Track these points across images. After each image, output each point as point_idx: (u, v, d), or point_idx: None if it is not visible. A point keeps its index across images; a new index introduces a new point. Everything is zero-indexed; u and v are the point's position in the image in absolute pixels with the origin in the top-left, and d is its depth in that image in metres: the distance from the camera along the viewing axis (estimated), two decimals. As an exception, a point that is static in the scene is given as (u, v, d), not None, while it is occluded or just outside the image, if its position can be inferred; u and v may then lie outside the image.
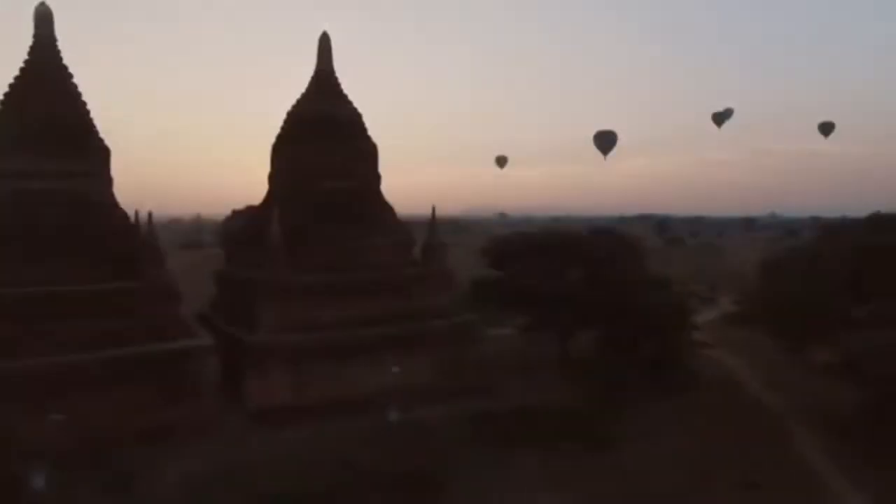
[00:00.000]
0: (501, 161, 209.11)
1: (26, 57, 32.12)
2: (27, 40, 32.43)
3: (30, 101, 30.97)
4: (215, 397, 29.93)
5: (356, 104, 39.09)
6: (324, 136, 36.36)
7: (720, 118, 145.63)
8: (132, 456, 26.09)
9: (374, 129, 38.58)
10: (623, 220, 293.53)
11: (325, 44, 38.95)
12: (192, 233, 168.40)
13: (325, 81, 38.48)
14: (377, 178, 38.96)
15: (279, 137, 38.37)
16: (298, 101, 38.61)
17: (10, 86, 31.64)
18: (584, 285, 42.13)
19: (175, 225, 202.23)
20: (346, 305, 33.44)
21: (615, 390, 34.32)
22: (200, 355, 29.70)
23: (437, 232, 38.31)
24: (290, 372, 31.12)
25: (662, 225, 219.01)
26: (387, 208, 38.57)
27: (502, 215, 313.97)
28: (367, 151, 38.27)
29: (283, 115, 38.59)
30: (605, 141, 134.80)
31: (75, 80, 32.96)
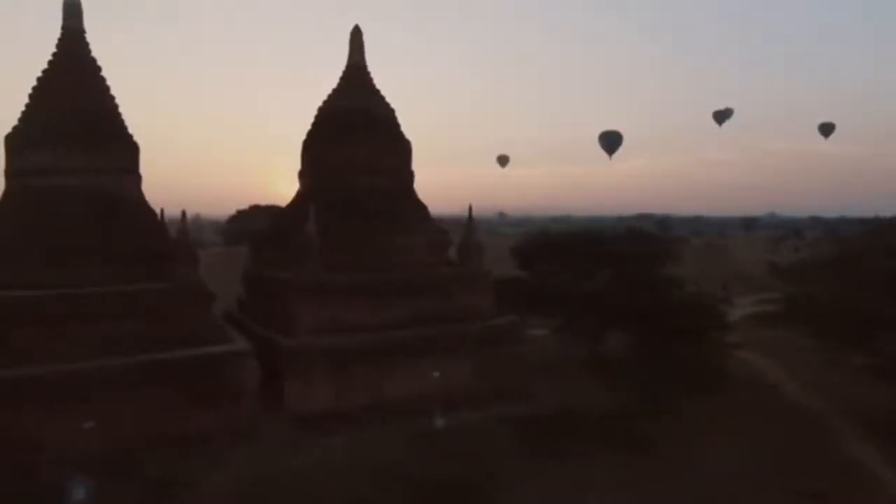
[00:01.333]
0: (503, 160, 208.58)
1: (54, 49, 30.95)
2: (55, 32, 31.32)
3: (58, 95, 29.83)
4: (253, 403, 28.86)
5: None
6: (358, 131, 35.31)
7: (721, 116, 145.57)
8: (169, 464, 25.09)
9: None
10: (622, 219, 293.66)
11: (356, 37, 37.81)
12: (193, 232, 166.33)
13: (357, 76, 37.36)
14: (411, 175, 37.91)
15: (311, 133, 37.26)
16: (330, 96, 37.51)
17: (39, 79, 30.46)
18: (615, 286, 41.41)
19: (174, 224, 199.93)
20: (384, 307, 32.43)
21: (653, 392, 33.59)
22: (237, 359, 28.61)
23: (474, 232, 37.29)
24: (329, 376, 30.07)
25: (664, 225, 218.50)
26: (421, 207, 37.54)
27: (502, 215, 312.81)
28: (401, 148, 37.21)
29: (282, 115, 37.89)
30: (611, 141, 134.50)
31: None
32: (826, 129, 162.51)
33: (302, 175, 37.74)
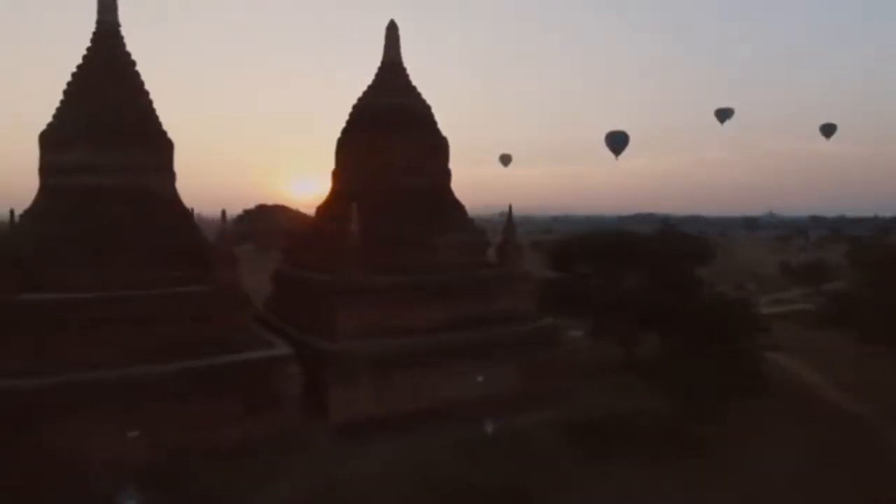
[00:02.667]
0: (506, 160, 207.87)
1: (89, 45, 29.96)
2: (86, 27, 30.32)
3: (94, 92, 28.90)
4: (297, 410, 27.94)
5: (356, 103, 37.13)
6: (397, 130, 34.41)
7: (723, 115, 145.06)
8: (217, 474, 24.19)
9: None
10: (622, 219, 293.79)
11: (392, 33, 36.90)
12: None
13: (393, 72, 36.47)
14: (448, 174, 37.00)
15: (346, 131, 36.32)
16: (366, 94, 36.58)
17: (73, 75, 29.51)
18: (650, 287, 40.65)
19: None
20: (427, 309, 31.56)
21: (698, 396, 32.80)
22: (281, 365, 27.69)
23: (513, 232, 36.42)
24: (374, 381, 29.16)
25: (666, 224, 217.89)
26: (458, 206, 36.65)
27: (503, 214, 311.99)
28: (439, 146, 36.29)
29: (283, 115, 36.68)
30: (617, 141, 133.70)
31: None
32: (827, 130, 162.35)
33: (337, 174, 36.78)
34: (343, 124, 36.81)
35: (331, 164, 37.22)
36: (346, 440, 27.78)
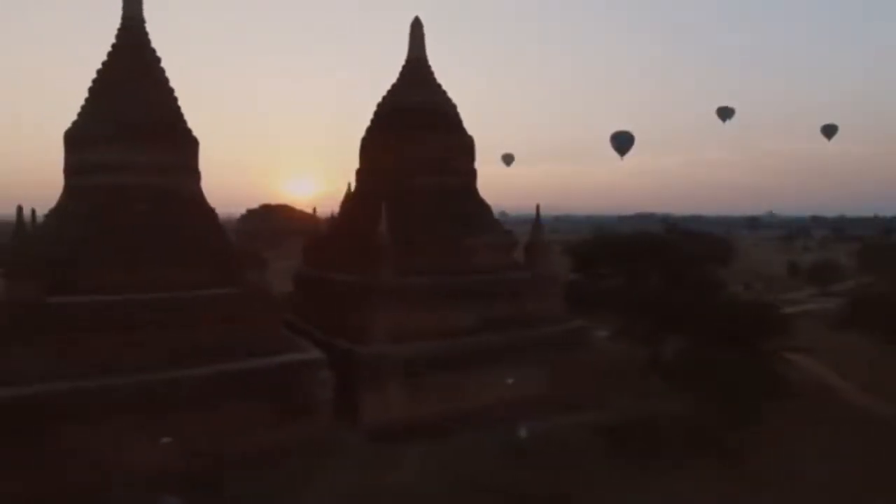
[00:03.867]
0: (508, 159, 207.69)
1: (114, 41, 29.24)
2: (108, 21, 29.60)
3: (120, 89, 28.16)
4: (329, 415, 27.34)
5: (358, 103, 36.75)
6: (424, 129, 33.78)
7: (724, 113, 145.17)
8: (252, 481, 23.60)
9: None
10: (623, 219, 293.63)
11: (417, 30, 36.28)
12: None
13: (419, 70, 35.84)
14: (474, 173, 36.41)
15: (371, 130, 35.69)
16: (391, 92, 35.94)
17: (99, 72, 28.77)
18: (674, 288, 40.21)
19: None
20: (457, 311, 30.95)
21: (732, 399, 32.32)
22: (313, 369, 27.07)
23: (541, 232, 35.85)
24: (406, 385, 28.58)
25: (668, 224, 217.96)
26: (485, 206, 36.06)
27: (504, 214, 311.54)
28: (465, 145, 35.68)
29: (282, 115, 36.05)
30: (622, 141, 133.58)
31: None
32: (829, 131, 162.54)
33: (361, 173, 36.13)
34: (342, 124, 36.32)
35: (331, 164, 36.86)
36: (378, 445, 27.20)
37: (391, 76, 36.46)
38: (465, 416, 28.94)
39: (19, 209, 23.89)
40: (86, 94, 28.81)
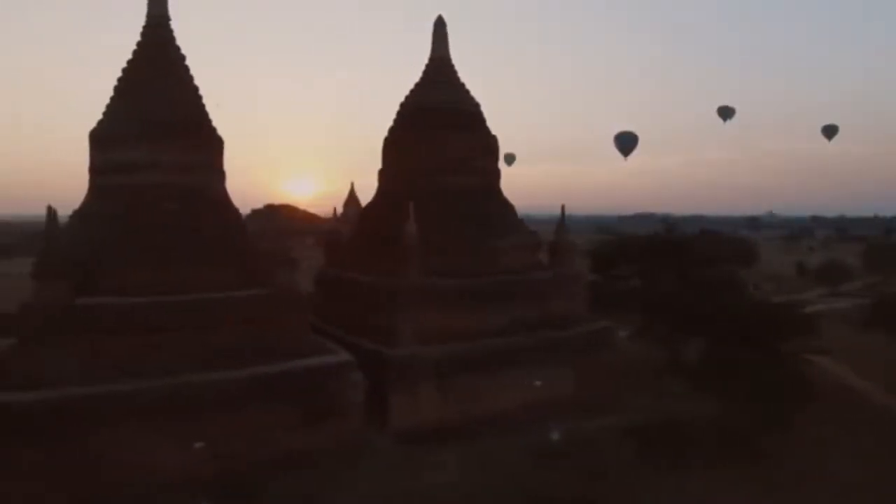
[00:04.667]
0: (509, 159, 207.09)
1: (139, 39, 28.87)
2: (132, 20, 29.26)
3: (145, 88, 27.79)
4: (361, 418, 27.01)
5: (357, 102, 36.52)
6: (448, 129, 33.47)
7: (725, 113, 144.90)
8: (286, 486, 23.29)
9: (376, 128, 35.89)
10: (623, 219, 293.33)
11: (440, 29, 35.98)
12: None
13: (442, 69, 35.54)
14: (498, 173, 36.13)
15: (394, 130, 35.38)
16: (414, 91, 35.63)
17: (124, 71, 28.40)
18: (694, 289, 39.97)
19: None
20: (483, 313, 30.66)
21: (759, 401, 32.07)
22: (344, 372, 26.75)
23: (566, 232, 35.59)
24: (435, 387, 28.29)
25: (670, 224, 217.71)
26: (509, 206, 35.77)
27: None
28: (489, 145, 35.40)
29: (282, 114, 35.65)
30: (626, 142, 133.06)
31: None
32: (829, 131, 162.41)
33: (384, 174, 35.81)
34: (342, 124, 36.16)
35: (330, 164, 36.57)
36: (409, 448, 26.88)
37: (391, 76, 36.67)
38: (492, 419, 28.65)
39: (50, 210, 23.50)
40: (111, 94, 28.45)
